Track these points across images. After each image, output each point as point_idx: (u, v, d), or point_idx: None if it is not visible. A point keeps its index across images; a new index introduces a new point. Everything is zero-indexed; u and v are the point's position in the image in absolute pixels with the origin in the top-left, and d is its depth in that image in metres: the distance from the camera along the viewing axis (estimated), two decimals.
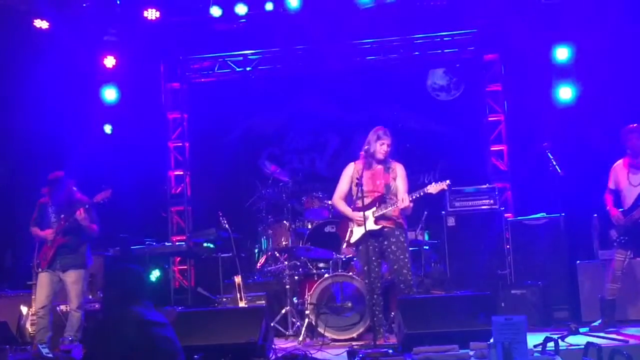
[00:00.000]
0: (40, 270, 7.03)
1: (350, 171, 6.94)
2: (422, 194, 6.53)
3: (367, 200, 6.63)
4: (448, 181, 6.49)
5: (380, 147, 6.76)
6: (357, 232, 6.81)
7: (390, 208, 6.63)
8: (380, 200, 6.70)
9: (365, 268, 6.72)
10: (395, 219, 6.73)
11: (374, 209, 6.67)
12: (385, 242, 6.73)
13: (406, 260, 6.69)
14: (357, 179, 6.65)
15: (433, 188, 6.48)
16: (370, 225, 6.60)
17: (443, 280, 8.45)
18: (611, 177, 7.05)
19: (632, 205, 6.85)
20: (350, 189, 6.90)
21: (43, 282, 6.99)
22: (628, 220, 6.82)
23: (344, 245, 7.18)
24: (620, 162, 7.04)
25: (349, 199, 6.96)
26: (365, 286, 6.89)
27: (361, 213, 6.57)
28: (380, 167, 6.83)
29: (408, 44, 10.29)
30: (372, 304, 6.64)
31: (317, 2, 9.16)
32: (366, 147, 6.82)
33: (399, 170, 6.86)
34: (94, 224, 7.12)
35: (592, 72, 9.06)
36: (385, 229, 6.70)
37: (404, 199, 6.55)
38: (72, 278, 7.00)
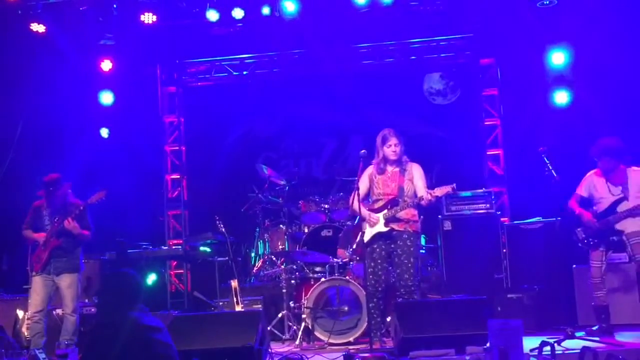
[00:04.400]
0: (33, 273, 7.00)
1: (369, 171, 6.90)
2: (430, 197, 6.50)
3: (380, 203, 6.70)
4: (454, 185, 6.48)
5: (388, 149, 6.73)
6: (368, 233, 6.74)
7: (401, 210, 6.59)
8: (393, 202, 6.66)
9: (370, 270, 6.69)
10: (406, 222, 6.66)
11: (385, 211, 6.65)
12: (392, 245, 6.69)
13: (410, 265, 6.61)
14: (357, 180, 6.67)
15: (439, 191, 6.48)
16: (380, 227, 6.61)
17: (439, 284, 8.46)
18: (584, 184, 7.08)
19: (606, 210, 6.91)
20: (368, 190, 6.88)
21: (37, 286, 6.96)
22: (602, 224, 6.87)
23: (354, 246, 7.14)
24: (592, 172, 7.08)
25: (365, 201, 6.95)
26: (361, 290, 6.88)
27: (374, 214, 6.62)
28: (396, 169, 6.78)
29: (404, 48, 10.31)
30: (371, 307, 6.65)
31: (313, 6, 9.16)
32: (376, 155, 6.81)
33: (415, 170, 6.79)
34: (86, 230, 7.05)
35: (588, 76, 9.09)
36: (394, 232, 6.65)
37: (427, 194, 6.48)
38: (66, 282, 6.97)
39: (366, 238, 6.73)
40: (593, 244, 6.94)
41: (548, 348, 5.49)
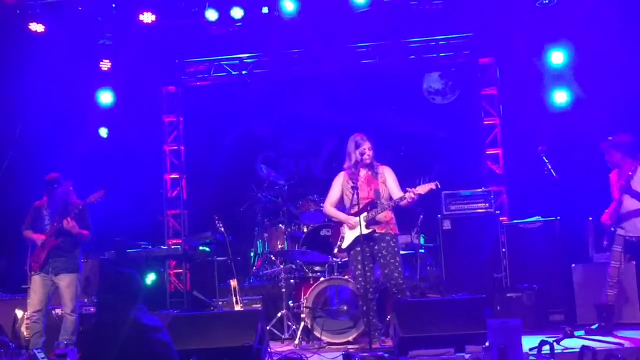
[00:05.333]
0: (32, 273, 6.99)
1: (340, 180, 6.97)
2: (413, 195, 6.53)
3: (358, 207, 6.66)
4: (437, 182, 6.51)
5: (361, 154, 6.76)
6: (348, 237, 6.81)
7: (381, 212, 6.65)
8: (371, 205, 6.71)
9: (357, 272, 6.71)
10: (386, 223, 6.74)
11: (365, 214, 6.68)
12: (376, 247, 6.73)
13: (397, 264, 6.68)
14: (354, 182, 6.66)
15: (421, 189, 6.49)
16: (362, 229, 6.61)
17: (439, 283, 8.46)
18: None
19: (617, 206, 6.94)
20: (341, 197, 6.94)
21: (36, 285, 6.95)
22: (614, 221, 6.91)
23: (335, 251, 7.18)
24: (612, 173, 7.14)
25: (339, 207, 6.97)
26: (359, 290, 6.89)
27: (354, 217, 6.61)
28: (369, 173, 6.83)
29: (403, 47, 10.30)
30: (365, 308, 6.65)
31: (312, 6, 9.16)
32: (347, 160, 6.84)
33: (386, 173, 6.87)
34: (85, 229, 7.04)
35: (587, 75, 9.09)
36: (376, 234, 6.70)
37: (410, 192, 6.50)
38: (65, 282, 6.96)
39: (347, 242, 6.78)
40: (605, 246, 6.96)
41: (547, 347, 5.50)
